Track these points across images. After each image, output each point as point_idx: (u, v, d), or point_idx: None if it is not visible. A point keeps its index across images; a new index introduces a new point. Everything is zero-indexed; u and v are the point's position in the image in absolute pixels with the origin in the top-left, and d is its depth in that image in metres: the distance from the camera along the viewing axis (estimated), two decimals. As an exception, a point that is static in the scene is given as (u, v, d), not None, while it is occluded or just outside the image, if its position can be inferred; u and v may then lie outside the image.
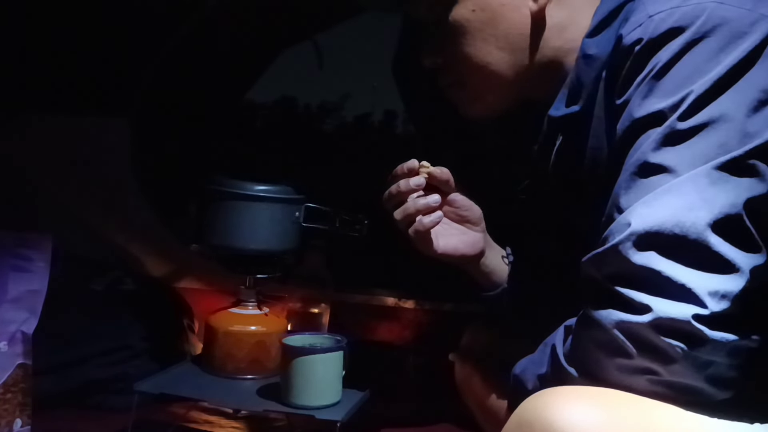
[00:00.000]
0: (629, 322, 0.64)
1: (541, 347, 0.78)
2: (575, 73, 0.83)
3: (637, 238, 0.65)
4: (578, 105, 0.83)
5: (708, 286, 0.63)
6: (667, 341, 0.62)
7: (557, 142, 0.88)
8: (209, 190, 1.21)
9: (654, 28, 0.71)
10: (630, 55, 0.73)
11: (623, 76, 0.74)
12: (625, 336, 0.64)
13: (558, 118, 0.86)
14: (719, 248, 0.63)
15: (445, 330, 1.32)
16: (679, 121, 0.67)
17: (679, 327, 0.62)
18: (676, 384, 0.64)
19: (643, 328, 0.63)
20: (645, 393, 0.64)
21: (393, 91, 1.93)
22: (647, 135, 0.69)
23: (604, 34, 0.81)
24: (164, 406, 1.25)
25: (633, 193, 0.68)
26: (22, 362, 1.10)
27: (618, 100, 0.74)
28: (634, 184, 0.69)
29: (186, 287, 1.62)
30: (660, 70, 0.70)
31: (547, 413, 0.60)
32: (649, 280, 0.64)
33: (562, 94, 0.85)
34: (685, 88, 0.68)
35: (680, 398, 0.64)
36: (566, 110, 0.84)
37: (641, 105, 0.71)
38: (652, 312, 0.63)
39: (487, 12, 0.86)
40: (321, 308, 1.39)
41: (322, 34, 1.92)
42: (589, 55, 0.81)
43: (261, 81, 1.99)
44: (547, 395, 0.63)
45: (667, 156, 0.67)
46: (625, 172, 0.71)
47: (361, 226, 1.26)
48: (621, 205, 0.69)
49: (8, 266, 1.12)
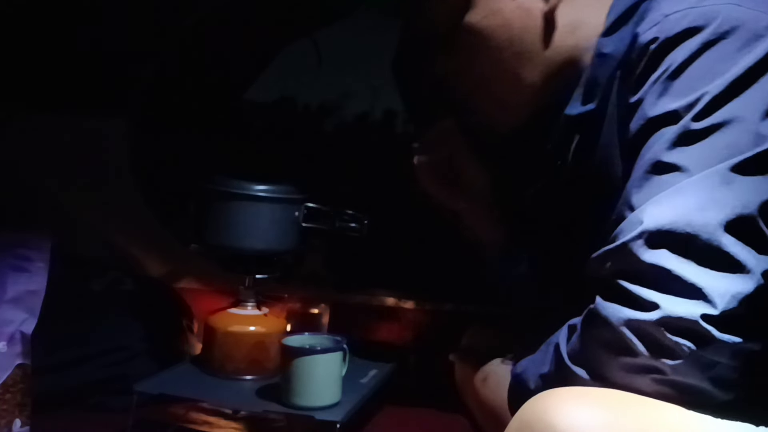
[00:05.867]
0: (636, 320, 0.64)
1: (544, 347, 0.78)
2: (590, 71, 0.83)
3: (649, 236, 0.65)
4: (593, 103, 0.83)
5: (718, 287, 0.62)
6: (674, 339, 0.62)
7: (574, 141, 0.87)
8: (209, 190, 1.21)
9: (670, 28, 0.71)
10: (645, 53, 0.73)
11: (637, 74, 0.74)
12: (631, 333, 0.64)
13: (574, 116, 0.86)
14: (731, 248, 0.63)
15: (445, 330, 1.32)
16: (693, 121, 0.68)
17: (687, 326, 0.62)
18: (680, 383, 0.64)
19: (650, 325, 0.63)
20: (649, 392, 0.64)
21: (393, 91, 1.93)
22: (660, 134, 0.69)
23: (619, 33, 0.81)
24: (163, 407, 1.25)
25: (645, 192, 0.68)
26: (21, 362, 1.09)
27: (631, 99, 0.74)
28: (646, 182, 0.69)
29: (185, 287, 1.61)
30: (675, 70, 0.70)
31: (550, 415, 0.59)
32: (658, 279, 0.64)
33: (577, 93, 0.85)
34: (699, 88, 0.68)
35: (684, 398, 0.63)
36: (582, 109, 0.84)
37: (655, 104, 0.71)
38: (660, 309, 0.63)
39: (498, 17, 0.86)
40: (321, 308, 1.39)
41: (321, 34, 1.91)
42: (604, 54, 0.81)
43: (261, 81, 1.99)
44: (549, 397, 0.63)
45: (681, 155, 0.67)
46: (637, 170, 0.71)
47: (361, 226, 1.26)
48: (632, 203, 0.69)
49: (7, 266, 1.11)
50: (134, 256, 1.65)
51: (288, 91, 2.06)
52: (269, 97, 2.05)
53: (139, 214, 1.71)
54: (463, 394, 1.12)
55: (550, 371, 0.74)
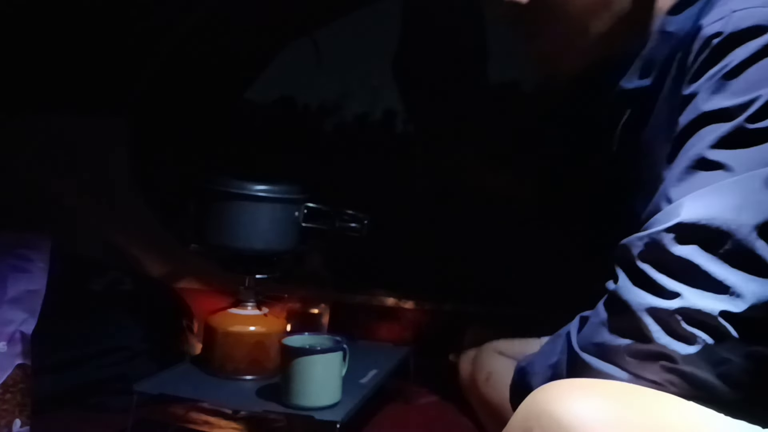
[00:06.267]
0: (656, 307, 0.64)
1: (552, 338, 0.78)
2: (651, 47, 0.82)
3: (682, 230, 0.65)
4: (649, 79, 0.82)
5: (744, 288, 0.63)
6: (690, 330, 0.63)
7: (625, 115, 0.87)
8: (209, 190, 1.21)
9: (735, 25, 0.71)
10: (707, 46, 0.72)
11: (696, 67, 0.73)
12: (649, 318, 0.65)
13: (629, 90, 0.85)
14: (762, 252, 0.64)
15: (445, 330, 1.32)
16: (745, 122, 0.67)
17: (705, 320, 0.63)
18: (689, 375, 0.64)
19: (668, 313, 0.64)
20: (656, 381, 0.64)
21: (393, 91, 1.93)
22: (709, 130, 0.69)
23: (685, 13, 0.79)
24: (163, 407, 1.25)
25: (685, 186, 0.68)
26: (22, 363, 1.09)
27: (686, 90, 0.74)
28: (687, 176, 0.69)
29: (185, 287, 1.61)
30: (734, 69, 0.70)
31: (555, 406, 0.59)
32: (685, 271, 0.64)
33: (635, 67, 0.84)
34: (756, 90, 0.68)
35: (690, 391, 0.64)
36: (638, 83, 0.83)
37: (709, 99, 0.70)
38: (681, 299, 0.63)
39: None
40: (321, 308, 1.38)
41: (321, 34, 1.92)
42: (668, 32, 0.80)
43: (261, 80, 1.99)
44: (554, 388, 0.63)
45: (727, 154, 0.67)
46: (679, 163, 0.71)
47: (361, 226, 1.26)
48: (671, 195, 0.69)
49: (7, 266, 1.11)
50: (134, 256, 1.65)
51: (288, 91, 2.06)
52: (269, 97, 2.05)
53: (139, 214, 1.72)
54: (466, 393, 1.12)
55: (559, 360, 0.74)
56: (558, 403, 0.59)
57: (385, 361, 1.31)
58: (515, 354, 1.06)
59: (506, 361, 1.06)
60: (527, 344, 1.04)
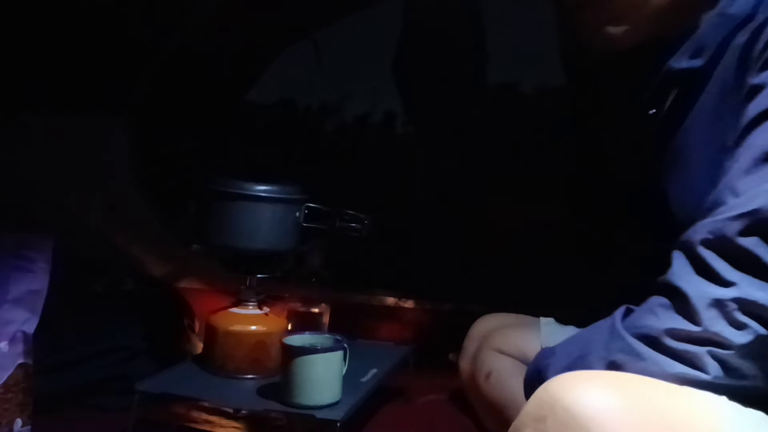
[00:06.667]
0: (712, 294, 0.64)
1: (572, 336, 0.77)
2: (706, 27, 0.80)
3: (748, 222, 0.65)
4: (701, 60, 0.80)
5: None
6: (743, 319, 0.63)
7: (671, 96, 0.85)
8: (209, 190, 1.21)
9: None
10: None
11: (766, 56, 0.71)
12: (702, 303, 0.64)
13: (678, 70, 0.82)
14: None
15: (445, 330, 1.32)
16: None
17: (759, 312, 0.62)
18: (733, 364, 0.63)
19: (723, 301, 0.63)
20: (697, 367, 0.63)
21: (393, 91, 1.93)
22: None
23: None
24: (165, 406, 1.25)
25: (753, 179, 0.67)
26: (23, 362, 1.10)
27: (754, 79, 0.71)
28: (756, 169, 0.68)
29: (186, 287, 1.62)
30: None
31: (568, 395, 0.59)
32: (745, 262, 0.64)
33: (686, 47, 0.81)
34: None
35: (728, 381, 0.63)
36: (688, 63, 0.81)
37: None
38: (738, 288, 0.63)
39: None
40: (321, 308, 1.39)
41: (321, 34, 1.92)
42: (727, 14, 0.78)
43: (261, 81, 1.99)
44: (568, 378, 0.62)
45: None
46: (746, 155, 0.69)
47: (361, 226, 1.26)
48: (737, 187, 0.68)
49: (9, 267, 1.12)
50: (135, 256, 1.65)
51: (288, 92, 2.06)
52: (270, 97, 2.06)
53: (140, 215, 1.72)
54: (466, 392, 1.12)
55: (581, 355, 0.72)
56: (571, 392, 0.59)
57: (386, 360, 1.31)
58: (515, 353, 1.07)
59: (506, 359, 1.06)
60: (527, 342, 1.05)
